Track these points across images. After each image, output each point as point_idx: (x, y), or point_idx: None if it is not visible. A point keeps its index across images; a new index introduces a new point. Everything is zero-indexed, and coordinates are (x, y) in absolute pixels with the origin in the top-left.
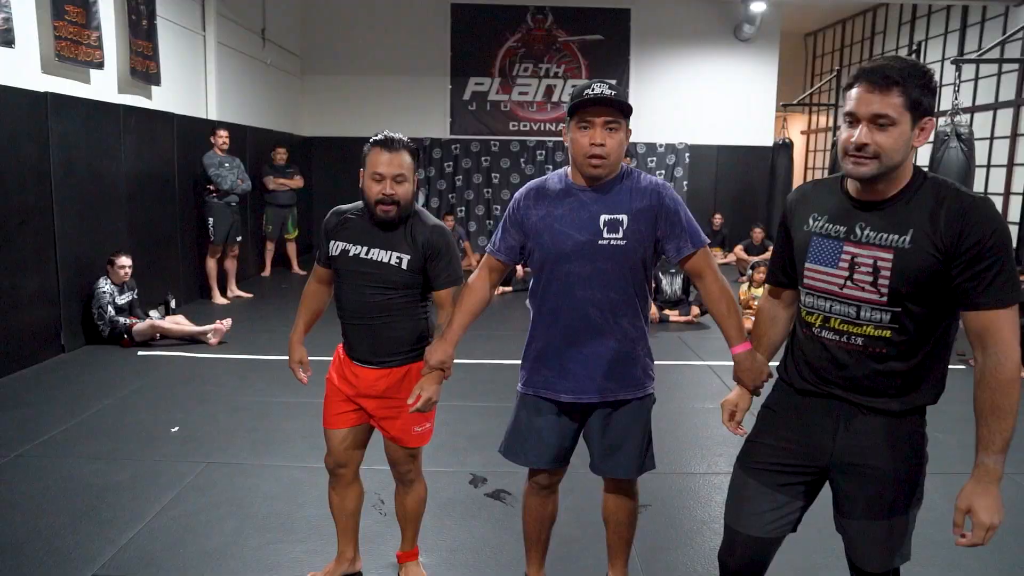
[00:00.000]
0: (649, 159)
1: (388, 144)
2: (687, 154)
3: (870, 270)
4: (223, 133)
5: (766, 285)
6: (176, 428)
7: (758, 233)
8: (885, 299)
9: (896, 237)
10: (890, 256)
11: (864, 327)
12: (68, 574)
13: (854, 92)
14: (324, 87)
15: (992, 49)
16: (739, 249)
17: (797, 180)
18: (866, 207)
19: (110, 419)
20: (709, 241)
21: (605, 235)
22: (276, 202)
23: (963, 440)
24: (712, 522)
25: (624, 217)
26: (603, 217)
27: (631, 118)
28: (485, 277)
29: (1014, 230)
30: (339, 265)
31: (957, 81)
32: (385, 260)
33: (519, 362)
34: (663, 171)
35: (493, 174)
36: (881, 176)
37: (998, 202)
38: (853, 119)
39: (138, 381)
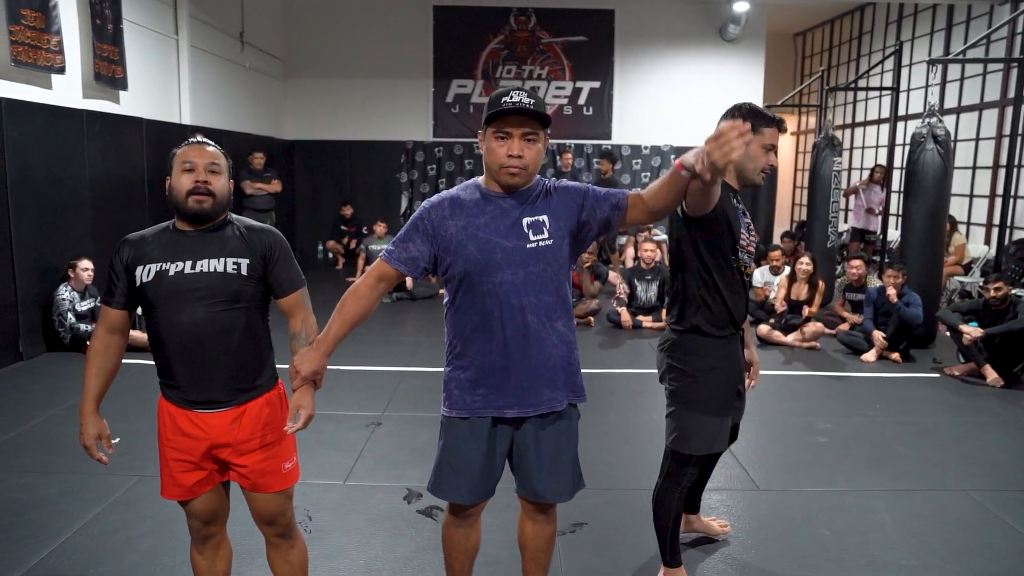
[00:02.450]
0: (634, 161)
1: (197, 142)
2: (672, 156)
3: (751, 233)
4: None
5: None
6: (116, 439)
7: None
8: (755, 249)
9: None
10: (750, 222)
11: (750, 268)
12: None
13: (776, 132)
14: (306, 90)
15: (972, 48)
16: None
17: (783, 181)
18: (737, 194)
19: (53, 430)
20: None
21: (532, 238)
22: (254, 207)
23: (925, 455)
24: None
25: (545, 217)
26: (525, 220)
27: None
28: (374, 285)
29: (995, 232)
30: (155, 292)
31: (931, 82)
32: (220, 269)
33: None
34: (648, 173)
35: (476, 176)
36: None
37: (984, 204)
38: (773, 148)
39: None
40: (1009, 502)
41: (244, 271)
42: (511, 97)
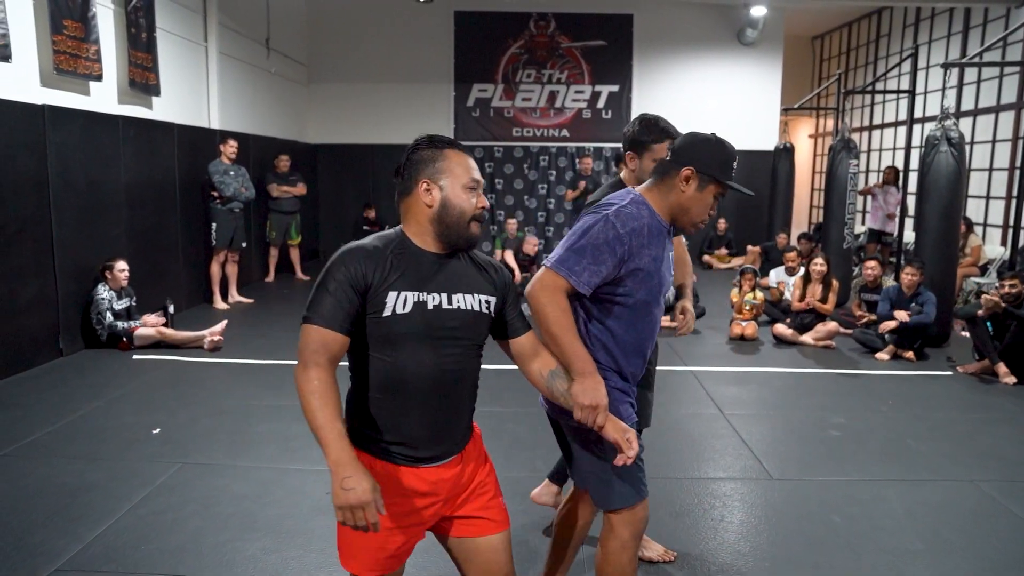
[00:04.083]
0: None
1: (464, 150)
2: None
3: None
4: (232, 143)
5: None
6: (157, 430)
7: (783, 239)
8: None
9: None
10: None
11: None
12: (33, 569)
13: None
14: (330, 95)
15: (987, 52)
16: (756, 248)
17: (800, 184)
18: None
19: (96, 421)
20: None
21: (670, 274)
22: (279, 209)
23: (936, 448)
24: (672, 528)
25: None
26: (669, 255)
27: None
28: (567, 299)
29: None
30: (409, 327)
31: (946, 85)
32: (475, 307)
33: (505, 367)
34: None
35: (497, 180)
36: None
37: (1000, 205)
38: None
39: (129, 384)
40: (1017, 492)
41: (492, 311)
42: (735, 165)
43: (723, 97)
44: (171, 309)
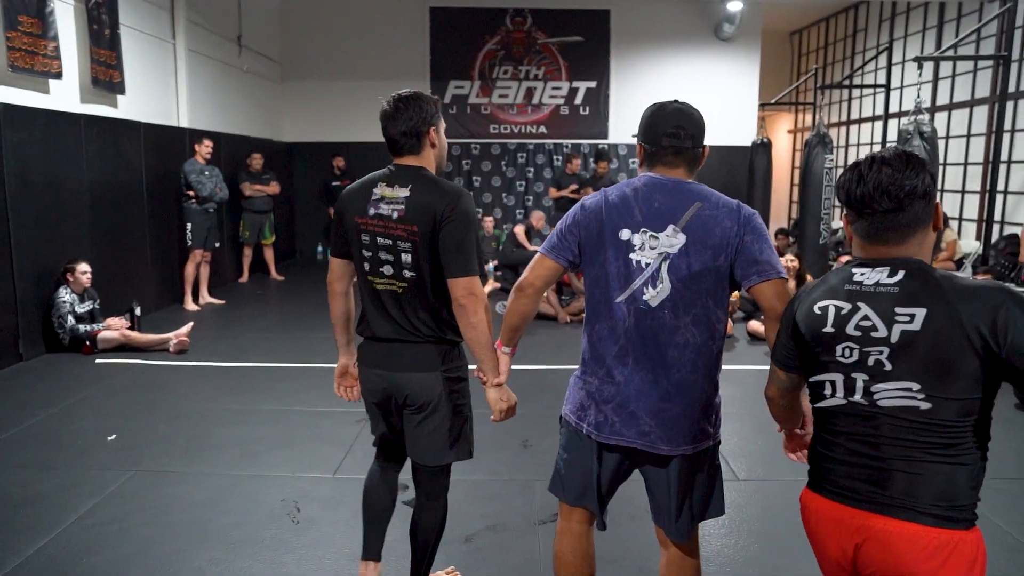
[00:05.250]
0: (631, 160)
1: None
2: None
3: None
4: (208, 143)
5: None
6: (113, 436)
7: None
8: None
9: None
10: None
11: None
12: None
13: None
14: (304, 93)
15: (961, 46)
16: None
17: (778, 179)
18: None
19: (52, 427)
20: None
21: None
22: (253, 208)
23: None
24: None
25: None
26: None
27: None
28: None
29: (996, 228)
30: None
31: (919, 79)
32: None
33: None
34: None
35: (474, 177)
36: None
37: (975, 200)
38: None
39: (90, 389)
40: (988, 496)
41: None
42: None
43: (701, 93)
44: (138, 311)
